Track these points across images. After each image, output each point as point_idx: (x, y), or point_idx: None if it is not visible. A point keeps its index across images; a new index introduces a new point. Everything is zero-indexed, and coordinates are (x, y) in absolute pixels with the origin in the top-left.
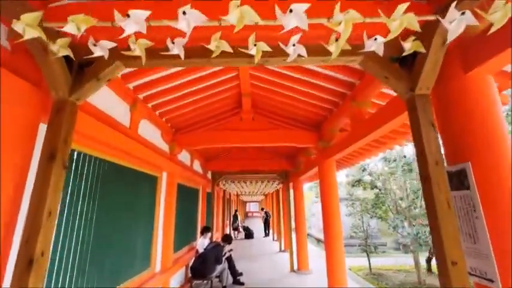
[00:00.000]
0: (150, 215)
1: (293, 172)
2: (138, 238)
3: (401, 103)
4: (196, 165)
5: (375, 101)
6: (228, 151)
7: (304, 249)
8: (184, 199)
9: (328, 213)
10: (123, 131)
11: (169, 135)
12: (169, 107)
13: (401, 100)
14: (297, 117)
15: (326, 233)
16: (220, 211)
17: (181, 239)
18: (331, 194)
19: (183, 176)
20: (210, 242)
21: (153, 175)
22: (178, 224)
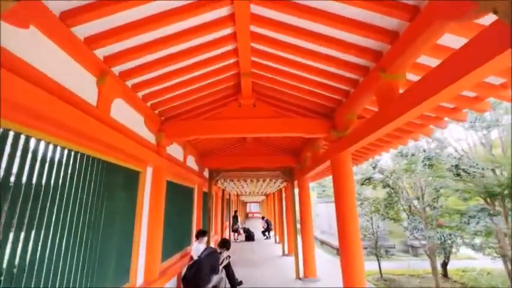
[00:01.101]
0: (129, 219)
1: (298, 169)
2: (112, 247)
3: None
4: (191, 161)
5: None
6: (226, 146)
7: (311, 254)
8: (176, 199)
9: (344, 213)
10: (86, 109)
11: (156, 124)
12: (154, 88)
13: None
14: (306, 103)
15: (342, 237)
16: (219, 212)
17: (172, 244)
18: (347, 191)
19: (173, 173)
20: (206, 248)
21: (134, 170)
22: (169, 227)
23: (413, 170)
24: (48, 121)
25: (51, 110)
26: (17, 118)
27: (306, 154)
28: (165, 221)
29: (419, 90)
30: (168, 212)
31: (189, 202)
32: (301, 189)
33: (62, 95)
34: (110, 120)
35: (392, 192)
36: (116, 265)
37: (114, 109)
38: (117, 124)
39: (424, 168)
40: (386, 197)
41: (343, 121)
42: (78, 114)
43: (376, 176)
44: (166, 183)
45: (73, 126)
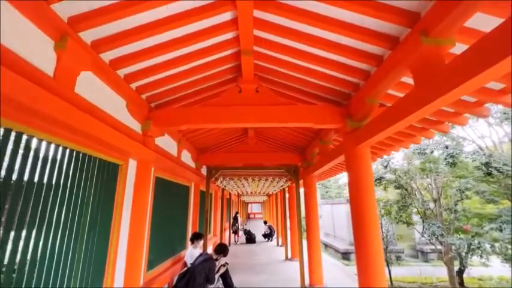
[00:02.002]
0: (104, 219)
1: (304, 167)
2: (85, 248)
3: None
4: (187, 157)
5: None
6: (225, 141)
7: (317, 259)
8: (168, 198)
9: (363, 216)
10: (37, 78)
11: (143, 111)
12: (139, 67)
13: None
14: (316, 88)
15: (360, 242)
16: (218, 213)
17: (163, 249)
18: (365, 191)
19: (164, 168)
20: (200, 254)
21: (112, 162)
22: (159, 230)
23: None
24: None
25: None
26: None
27: (312, 150)
28: (154, 222)
29: (478, 57)
30: (159, 213)
31: (184, 202)
32: (307, 189)
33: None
34: (73, 97)
35: (406, 194)
36: (87, 276)
37: (83, 85)
38: (84, 103)
39: (446, 166)
40: (400, 198)
41: (361, 108)
42: (24, 84)
43: (388, 176)
44: (155, 179)
45: (17, 97)
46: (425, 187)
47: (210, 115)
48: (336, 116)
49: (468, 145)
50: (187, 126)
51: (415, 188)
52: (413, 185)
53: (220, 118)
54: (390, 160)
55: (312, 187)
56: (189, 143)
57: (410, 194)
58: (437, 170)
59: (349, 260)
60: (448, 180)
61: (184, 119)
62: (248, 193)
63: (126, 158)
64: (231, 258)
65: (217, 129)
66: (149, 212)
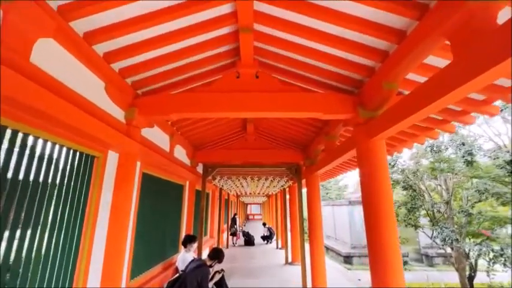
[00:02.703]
0: (74, 219)
1: (307, 166)
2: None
3: None
4: (181, 154)
5: None
6: (223, 138)
7: (320, 264)
8: (158, 197)
9: (378, 217)
10: None
11: (127, 96)
12: (121, 44)
13: None
14: (324, 75)
15: (374, 246)
16: (216, 214)
17: (152, 253)
18: (380, 189)
19: (154, 164)
20: (193, 260)
21: (87, 153)
22: (147, 232)
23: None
24: None
25: None
26: None
27: (316, 147)
28: (141, 223)
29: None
30: (147, 213)
31: (178, 201)
32: (309, 189)
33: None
34: (25, 66)
35: (416, 195)
36: (50, 271)
37: (43, 56)
38: (43, 76)
39: (463, 165)
40: (409, 200)
41: (377, 95)
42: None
43: (394, 176)
44: (142, 176)
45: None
46: (433, 188)
47: (204, 102)
48: (346, 105)
49: (485, 142)
50: (177, 115)
51: (423, 189)
52: (421, 186)
53: (215, 106)
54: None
55: (315, 187)
56: (184, 138)
57: (419, 195)
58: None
59: (351, 264)
60: (460, 181)
61: (174, 106)
62: (247, 194)
63: (105, 149)
64: (228, 262)
65: (214, 124)
66: (134, 212)
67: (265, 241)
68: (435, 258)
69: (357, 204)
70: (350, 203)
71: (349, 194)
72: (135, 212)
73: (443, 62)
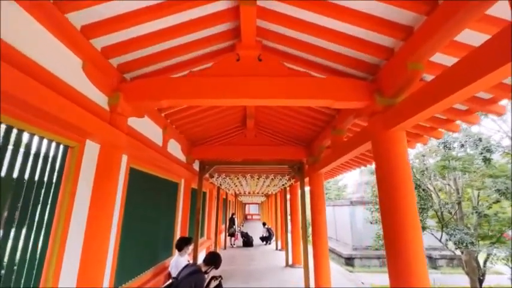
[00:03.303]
0: (41, 216)
1: (310, 163)
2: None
3: None
4: (175, 149)
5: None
6: (221, 133)
7: (324, 267)
8: (150, 195)
9: (399, 214)
10: None
11: (111, 79)
12: (103, 16)
13: None
14: (336, 59)
15: (393, 247)
16: (213, 214)
17: (142, 257)
18: (401, 184)
19: (144, 158)
20: (187, 265)
21: (59, 142)
22: (136, 233)
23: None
24: None
25: None
26: None
27: (321, 143)
28: (129, 223)
29: None
30: (136, 212)
31: (172, 200)
32: (313, 188)
33: None
34: None
35: (424, 195)
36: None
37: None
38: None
39: (481, 163)
40: (418, 200)
41: (398, 79)
42: None
43: None
44: (129, 171)
45: None
46: (440, 188)
47: (199, 88)
48: (361, 92)
49: (502, 139)
50: (169, 101)
51: (431, 189)
52: (429, 186)
53: (212, 91)
54: None
55: (319, 186)
56: (179, 133)
57: (427, 195)
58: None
59: (353, 266)
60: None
61: (166, 92)
62: (246, 193)
63: (82, 138)
64: (227, 264)
65: (212, 118)
66: (120, 211)
67: (264, 242)
68: (439, 260)
69: (359, 205)
70: (351, 203)
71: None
72: (121, 210)
73: (478, 38)
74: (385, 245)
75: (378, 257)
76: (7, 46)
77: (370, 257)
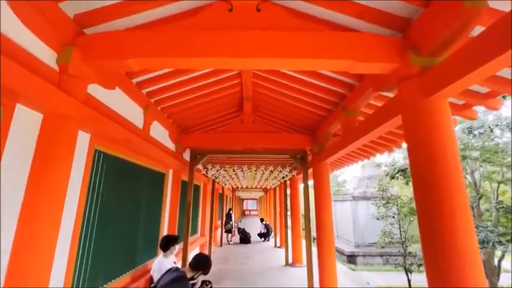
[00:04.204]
0: None
1: (315, 152)
2: None
3: None
4: (161, 134)
5: None
6: (215, 119)
7: (330, 267)
8: (128, 186)
9: (447, 206)
10: None
11: (59, 27)
12: None
13: None
14: (356, 12)
15: (438, 247)
16: (208, 209)
17: (117, 258)
18: (449, 167)
19: (115, 140)
20: (169, 270)
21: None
22: (109, 230)
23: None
24: None
25: None
26: None
27: (327, 130)
28: (96, 217)
29: None
30: (107, 204)
31: (157, 193)
32: (317, 180)
33: None
34: None
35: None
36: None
37: None
38: None
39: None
40: None
41: (440, 30)
42: None
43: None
44: (95, 154)
45: None
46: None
47: (178, 43)
48: (390, 49)
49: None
50: (138, 61)
51: None
52: None
53: (194, 49)
54: None
55: (324, 177)
56: (166, 117)
57: None
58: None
59: (356, 264)
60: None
61: (134, 48)
62: (243, 187)
63: (9, 101)
64: (223, 263)
65: (204, 99)
66: (80, 201)
67: (262, 239)
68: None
69: (361, 200)
70: (354, 199)
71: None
72: (82, 201)
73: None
74: (423, 243)
75: (381, 254)
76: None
77: (373, 255)
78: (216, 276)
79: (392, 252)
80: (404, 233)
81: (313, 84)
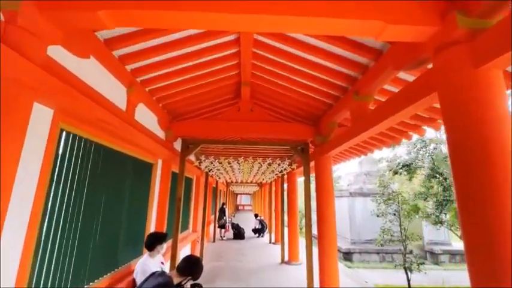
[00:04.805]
0: None
1: (317, 144)
2: None
3: None
4: (147, 119)
5: None
6: (209, 106)
7: (331, 267)
8: (107, 176)
9: (492, 203)
10: None
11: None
12: None
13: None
14: None
15: (475, 243)
16: (200, 203)
17: (95, 258)
18: (498, 147)
19: (89, 120)
20: (153, 274)
21: None
22: (83, 226)
23: None
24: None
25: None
26: None
27: (332, 119)
28: (63, 210)
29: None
30: (80, 195)
31: (143, 185)
32: (319, 174)
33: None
34: None
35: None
36: None
37: None
38: None
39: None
40: (441, 191)
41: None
42: None
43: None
44: (61, 134)
45: None
46: None
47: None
48: (430, 9)
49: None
50: (110, 13)
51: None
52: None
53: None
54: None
55: (327, 171)
56: (155, 101)
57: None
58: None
59: (352, 261)
60: None
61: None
62: (238, 182)
63: None
64: (216, 260)
65: (197, 80)
66: (39, 189)
67: (256, 234)
68: (441, 256)
69: (358, 196)
70: (351, 195)
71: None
72: (41, 190)
73: None
74: (465, 239)
75: (377, 252)
76: None
77: (370, 252)
78: (208, 274)
79: (388, 249)
80: (405, 230)
81: (320, 65)
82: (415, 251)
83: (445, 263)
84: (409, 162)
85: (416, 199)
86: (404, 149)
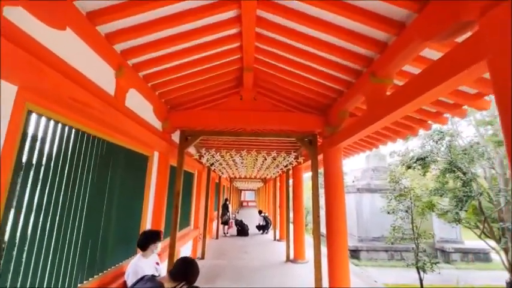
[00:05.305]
0: None
1: (326, 136)
2: None
3: None
4: (141, 107)
5: None
6: (209, 95)
7: (342, 267)
8: (94, 168)
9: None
10: None
11: None
12: None
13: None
14: None
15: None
16: (202, 198)
17: (82, 258)
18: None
19: (67, 103)
20: (142, 278)
21: None
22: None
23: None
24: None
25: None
26: None
27: (343, 107)
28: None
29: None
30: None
31: (138, 179)
32: (328, 167)
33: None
34: None
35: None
36: None
37: None
38: None
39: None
40: (459, 186)
41: None
42: None
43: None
44: (28, 117)
45: None
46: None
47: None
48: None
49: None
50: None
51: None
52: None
53: None
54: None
55: (337, 165)
56: (151, 89)
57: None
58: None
59: (359, 259)
60: None
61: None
62: (241, 177)
63: None
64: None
65: (195, 65)
66: (3, 178)
67: (260, 231)
68: (452, 254)
69: (365, 192)
70: (358, 191)
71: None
72: (4, 179)
73: None
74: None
75: (385, 249)
76: None
77: (378, 250)
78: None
79: (398, 247)
80: (417, 228)
81: (331, 44)
82: (428, 250)
83: (456, 262)
84: (423, 155)
85: (431, 195)
86: (417, 143)
